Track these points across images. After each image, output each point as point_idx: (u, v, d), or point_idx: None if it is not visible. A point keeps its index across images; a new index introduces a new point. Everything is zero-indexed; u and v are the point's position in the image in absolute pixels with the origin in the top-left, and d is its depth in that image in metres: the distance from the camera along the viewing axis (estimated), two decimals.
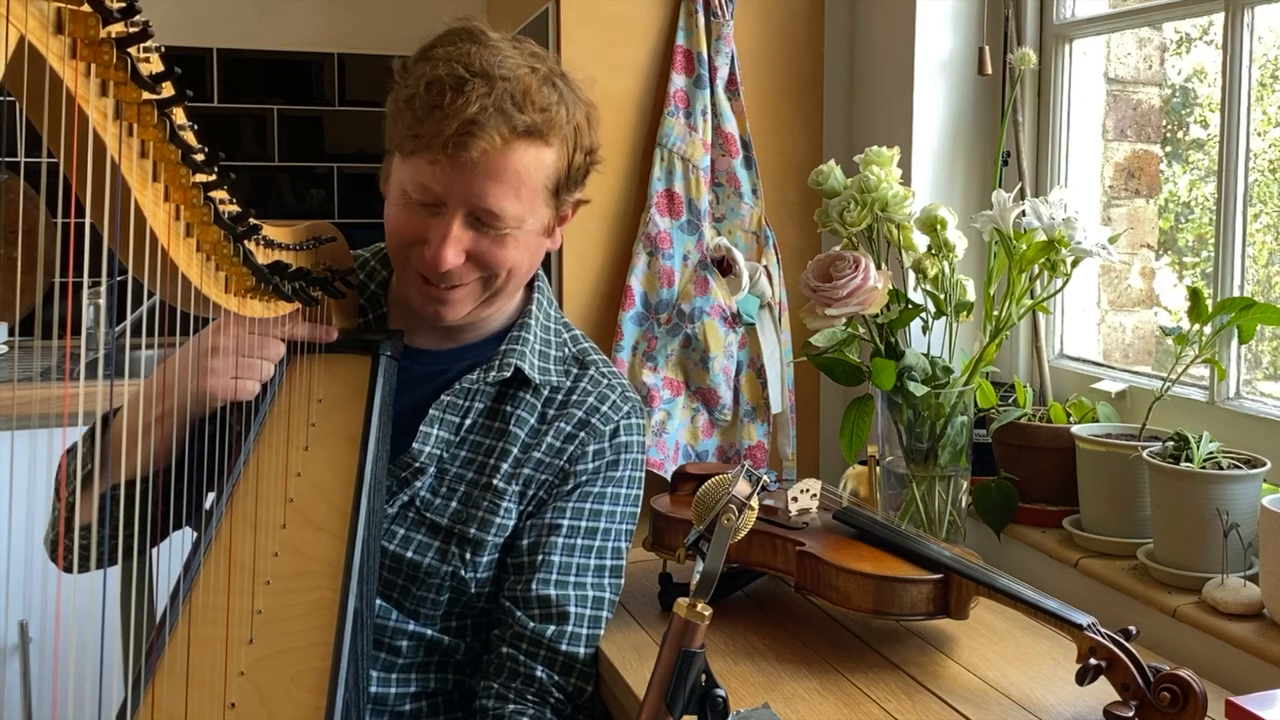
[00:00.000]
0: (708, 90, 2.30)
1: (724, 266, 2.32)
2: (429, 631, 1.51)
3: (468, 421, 1.53)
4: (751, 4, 2.39)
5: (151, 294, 1.12)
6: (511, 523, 1.51)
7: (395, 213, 1.46)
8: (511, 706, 1.45)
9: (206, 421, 1.41)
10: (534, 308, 1.59)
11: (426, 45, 1.45)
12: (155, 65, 0.89)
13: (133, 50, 0.84)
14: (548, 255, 2.33)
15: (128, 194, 0.92)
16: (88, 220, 0.91)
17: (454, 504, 1.50)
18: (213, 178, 1.03)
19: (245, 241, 1.14)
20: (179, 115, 0.94)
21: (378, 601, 1.48)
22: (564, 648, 1.47)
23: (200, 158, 0.99)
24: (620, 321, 2.28)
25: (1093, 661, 1.27)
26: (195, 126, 0.97)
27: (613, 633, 1.54)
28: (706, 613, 1.11)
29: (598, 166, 1.54)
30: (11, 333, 3.00)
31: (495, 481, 1.50)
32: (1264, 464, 1.62)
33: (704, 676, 1.13)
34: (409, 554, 1.48)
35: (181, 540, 1.43)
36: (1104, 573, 1.72)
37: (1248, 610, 1.52)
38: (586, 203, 1.57)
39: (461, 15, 1.51)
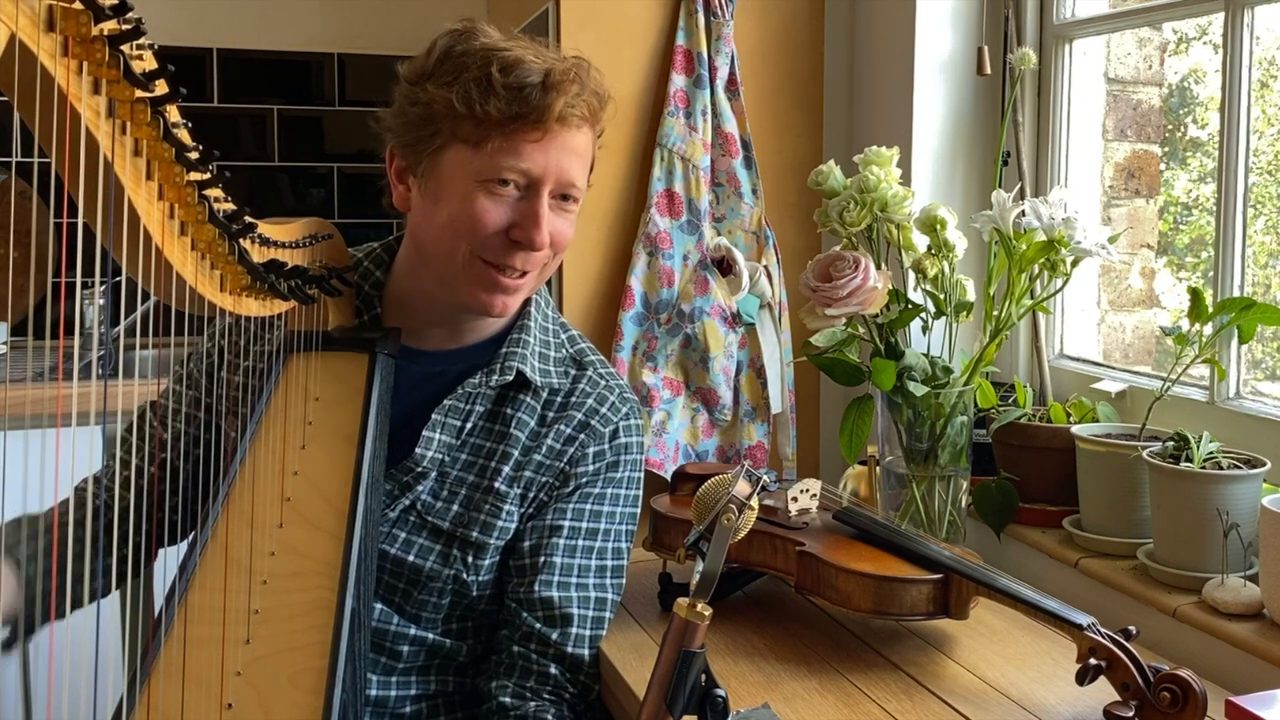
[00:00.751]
0: (708, 90, 2.30)
1: (724, 266, 2.32)
2: (430, 635, 1.50)
3: (468, 425, 1.52)
4: (751, 4, 2.39)
5: (147, 293, 1.12)
6: (513, 525, 1.51)
7: (471, 204, 1.43)
8: (533, 704, 1.45)
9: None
10: (532, 309, 1.59)
11: (447, 45, 1.45)
12: (148, 63, 0.89)
13: (125, 48, 0.84)
14: None
15: (121, 193, 0.91)
16: (81, 219, 0.91)
17: (455, 507, 1.50)
18: (207, 176, 1.02)
19: (240, 240, 1.14)
20: (172, 113, 0.93)
21: (379, 606, 1.48)
22: (569, 649, 1.47)
23: (194, 156, 0.98)
24: (620, 321, 2.27)
25: (1093, 661, 1.27)
26: (189, 124, 0.96)
27: (613, 633, 1.54)
28: (706, 613, 1.10)
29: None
30: (13, 333, 3.00)
31: (496, 484, 1.49)
32: (1264, 464, 1.61)
33: (704, 676, 1.13)
34: (410, 558, 1.48)
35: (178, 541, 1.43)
36: (1104, 573, 1.72)
37: (1248, 610, 1.51)
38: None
39: (462, 15, 1.51)
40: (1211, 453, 1.63)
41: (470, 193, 1.43)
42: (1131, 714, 1.24)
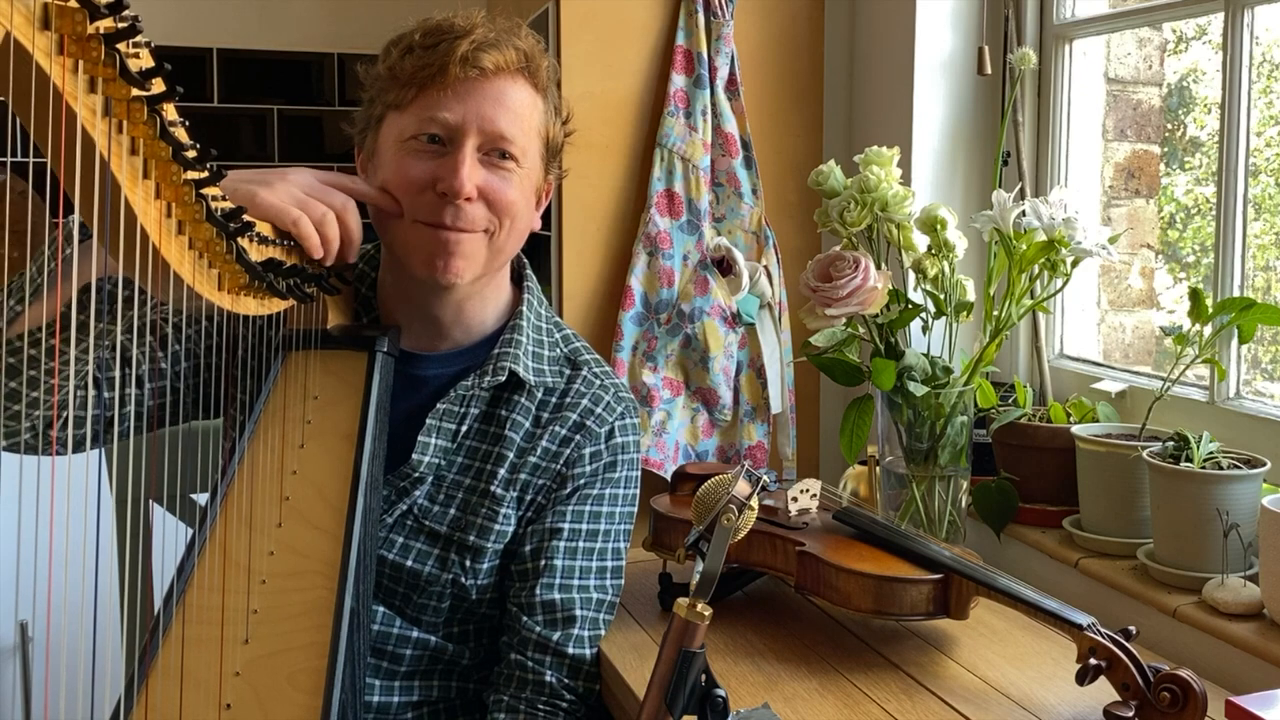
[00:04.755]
0: (708, 90, 2.30)
1: (724, 266, 2.32)
2: (432, 639, 1.50)
3: (464, 428, 1.51)
4: (751, 4, 2.39)
5: (143, 292, 1.11)
6: (510, 529, 1.50)
7: (399, 164, 1.44)
8: (525, 715, 1.44)
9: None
10: (524, 308, 1.58)
11: (399, 33, 1.49)
12: (145, 61, 0.88)
13: (121, 45, 0.83)
14: (545, 254, 2.33)
15: (117, 191, 0.91)
16: (77, 218, 0.91)
17: (452, 511, 1.49)
18: (205, 174, 1.02)
19: (238, 238, 1.13)
20: (170, 111, 0.93)
21: (380, 610, 1.47)
22: (570, 650, 1.47)
23: (192, 155, 0.98)
24: (620, 321, 2.27)
25: (1093, 661, 1.27)
26: (186, 123, 0.96)
27: (613, 633, 1.54)
28: (706, 613, 1.10)
29: (571, 139, 1.58)
30: None
31: (493, 488, 1.49)
32: (1264, 464, 1.61)
33: (704, 676, 1.12)
34: (409, 563, 1.47)
35: (176, 539, 1.43)
36: (1104, 573, 1.72)
37: (1248, 610, 1.51)
38: (565, 174, 1.62)
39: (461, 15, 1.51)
40: (1211, 453, 1.63)
41: (397, 155, 1.45)
42: (1131, 714, 1.24)
